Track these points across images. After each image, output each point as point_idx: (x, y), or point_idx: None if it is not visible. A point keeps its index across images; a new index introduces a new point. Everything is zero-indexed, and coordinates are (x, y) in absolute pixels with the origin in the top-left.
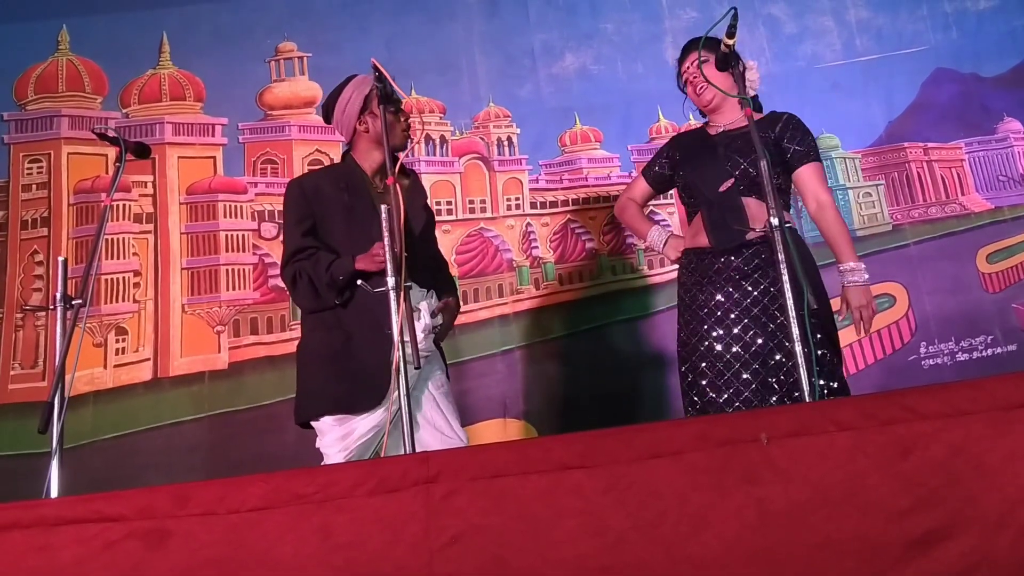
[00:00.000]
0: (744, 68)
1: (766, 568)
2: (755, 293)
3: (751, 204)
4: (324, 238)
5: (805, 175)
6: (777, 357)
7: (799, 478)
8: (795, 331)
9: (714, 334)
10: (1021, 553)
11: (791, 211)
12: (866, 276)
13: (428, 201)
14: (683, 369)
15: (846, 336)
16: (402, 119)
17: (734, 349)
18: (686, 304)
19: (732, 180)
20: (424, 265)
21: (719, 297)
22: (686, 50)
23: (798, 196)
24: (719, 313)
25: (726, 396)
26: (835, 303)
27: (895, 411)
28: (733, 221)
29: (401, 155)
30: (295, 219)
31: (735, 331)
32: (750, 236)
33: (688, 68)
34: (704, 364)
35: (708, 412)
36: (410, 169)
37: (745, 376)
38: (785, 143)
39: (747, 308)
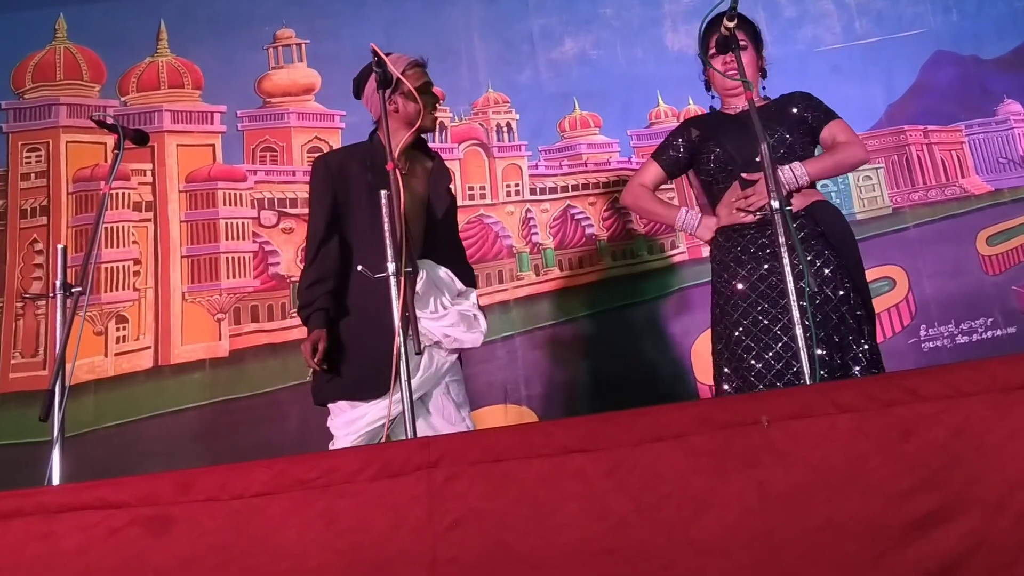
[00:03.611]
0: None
1: (767, 551)
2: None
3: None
4: (346, 218)
5: (830, 128)
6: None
7: (800, 461)
8: (795, 313)
9: (759, 308)
10: (1022, 534)
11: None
12: (799, 183)
13: (451, 185)
14: (719, 347)
15: None
16: (434, 103)
17: (765, 322)
18: (724, 281)
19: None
20: (445, 249)
21: (763, 271)
22: (712, 25)
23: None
24: (763, 287)
25: (763, 370)
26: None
27: (896, 393)
28: None
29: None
30: (317, 195)
31: (775, 303)
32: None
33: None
34: (742, 334)
35: (744, 380)
36: (434, 152)
37: (778, 349)
38: (805, 113)
39: (778, 284)
